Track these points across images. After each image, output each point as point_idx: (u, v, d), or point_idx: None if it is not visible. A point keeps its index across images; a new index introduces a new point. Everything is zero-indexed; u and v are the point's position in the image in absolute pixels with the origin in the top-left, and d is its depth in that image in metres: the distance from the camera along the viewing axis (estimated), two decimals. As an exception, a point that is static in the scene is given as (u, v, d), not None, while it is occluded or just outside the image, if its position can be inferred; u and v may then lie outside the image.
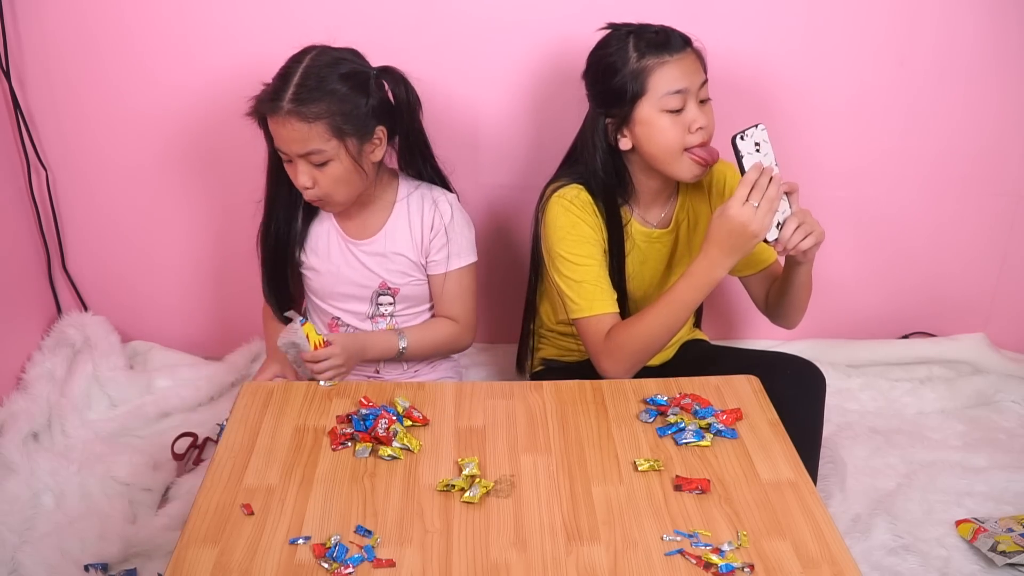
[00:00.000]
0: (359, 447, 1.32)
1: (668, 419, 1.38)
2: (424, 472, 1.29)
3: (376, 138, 1.60)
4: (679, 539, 1.16)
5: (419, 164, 1.72)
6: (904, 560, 1.65)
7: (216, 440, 1.82)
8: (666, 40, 1.55)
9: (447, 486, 1.25)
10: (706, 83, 1.59)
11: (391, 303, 1.74)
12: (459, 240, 1.72)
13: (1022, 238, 2.18)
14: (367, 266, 1.71)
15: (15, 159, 2.03)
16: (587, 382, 1.49)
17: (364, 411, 1.37)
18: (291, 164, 1.58)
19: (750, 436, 1.36)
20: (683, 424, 1.36)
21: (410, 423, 1.38)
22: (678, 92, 1.54)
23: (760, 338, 2.24)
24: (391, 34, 1.91)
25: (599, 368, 1.61)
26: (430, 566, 1.12)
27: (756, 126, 1.44)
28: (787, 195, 1.45)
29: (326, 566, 1.11)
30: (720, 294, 2.15)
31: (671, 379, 1.49)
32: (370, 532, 1.17)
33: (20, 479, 1.76)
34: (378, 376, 1.78)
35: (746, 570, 1.12)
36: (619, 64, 1.56)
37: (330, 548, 1.13)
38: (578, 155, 1.69)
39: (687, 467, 1.29)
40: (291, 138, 1.53)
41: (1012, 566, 1.63)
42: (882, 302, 2.26)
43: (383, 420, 1.34)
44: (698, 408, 1.39)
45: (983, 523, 1.71)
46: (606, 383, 1.49)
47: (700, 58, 1.60)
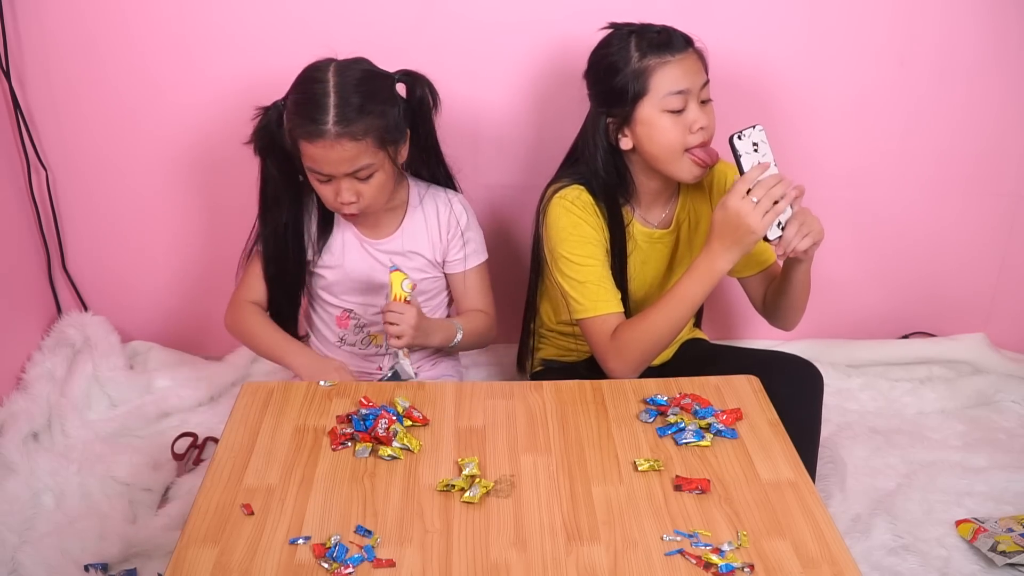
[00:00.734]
0: (359, 447, 1.32)
1: (668, 419, 1.38)
2: (424, 472, 1.29)
3: (405, 140, 1.62)
4: (679, 539, 1.16)
5: (432, 164, 1.74)
6: (904, 560, 1.65)
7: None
8: (668, 40, 1.55)
9: (447, 486, 1.25)
10: (707, 83, 1.59)
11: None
12: (475, 239, 1.78)
13: (1022, 238, 2.18)
14: (384, 264, 1.72)
15: (15, 159, 2.02)
16: (587, 382, 1.49)
17: (364, 411, 1.37)
18: (327, 184, 1.57)
19: (750, 436, 1.36)
20: (683, 424, 1.36)
21: (410, 423, 1.38)
22: (679, 92, 1.54)
23: (760, 338, 2.24)
24: (391, 34, 1.91)
25: (606, 368, 1.60)
26: (430, 566, 1.12)
27: (754, 127, 1.44)
28: (788, 196, 1.45)
29: (326, 566, 1.11)
30: (720, 294, 2.15)
31: (671, 379, 1.49)
32: (370, 532, 1.17)
33: (20, 479, 1.76)
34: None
35: (746, 570, 1.11)
36: (620, 64, 1.56)
37: (330, 548, 1.13)
38: (579, 155, 1.69)
39: (687, 467, 1.29)
40: (341, 159, 1.53)
41: (1012, 566, 1.63)
42: (882, 302, 2.26)
43: (383, 420, 1.34)
44: (698, 408, 1.39)
45: (983, 523, 1.71)
46: (606, 383, 1.49)
47: (702, 58, 1.60)
